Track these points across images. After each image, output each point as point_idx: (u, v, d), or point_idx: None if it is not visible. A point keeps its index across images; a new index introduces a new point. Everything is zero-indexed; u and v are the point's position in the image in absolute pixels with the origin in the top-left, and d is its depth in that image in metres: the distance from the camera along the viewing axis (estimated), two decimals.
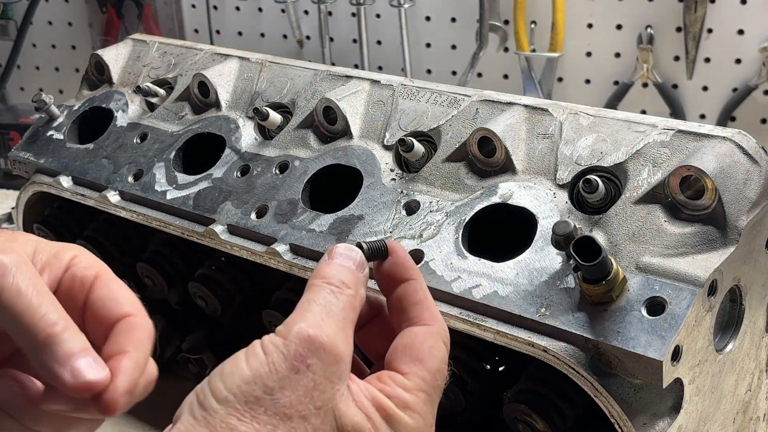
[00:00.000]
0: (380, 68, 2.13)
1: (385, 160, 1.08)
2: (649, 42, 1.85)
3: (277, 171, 1.13)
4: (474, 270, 0.93)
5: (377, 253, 0.68)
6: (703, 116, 1.88)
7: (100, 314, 0.66)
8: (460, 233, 0.96)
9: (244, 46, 2.16)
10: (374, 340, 0.70)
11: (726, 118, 1.85)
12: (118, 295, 0.67)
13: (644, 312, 0.83)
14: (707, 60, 1.83)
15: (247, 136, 1.20)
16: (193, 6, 2.29)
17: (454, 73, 2.06)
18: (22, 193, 1.37)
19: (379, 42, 2.12)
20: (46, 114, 1.39)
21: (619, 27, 1.89)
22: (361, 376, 0.65)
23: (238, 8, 2.24)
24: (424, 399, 0.63)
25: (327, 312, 0.62)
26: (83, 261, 0.68)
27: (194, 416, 0.60)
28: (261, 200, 1.11)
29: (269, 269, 1.09)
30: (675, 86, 1.88)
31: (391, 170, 1.07)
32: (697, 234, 0.87)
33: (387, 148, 1.09)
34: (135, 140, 1.28)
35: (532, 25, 1.94)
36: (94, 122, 1.36)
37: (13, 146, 1.46)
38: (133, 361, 0.64)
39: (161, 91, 1.32)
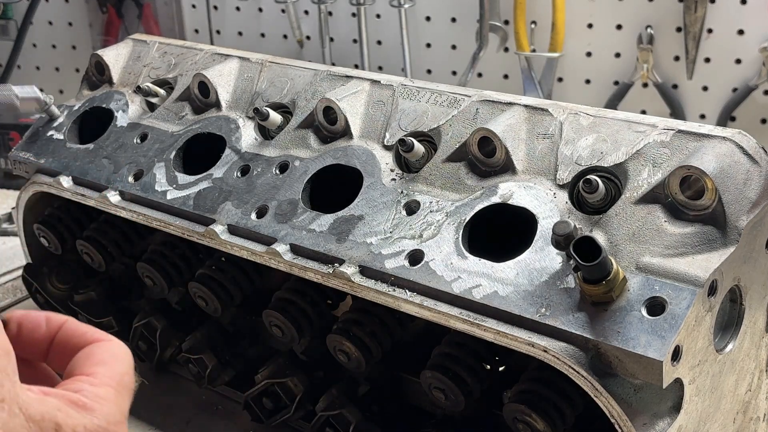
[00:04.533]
0: (380, 68, 2.13)
1: (386, 160, 1.08)
2: (649, 42, 1.85)
3: (278, 171, 1.13)
4: (474, 270, 0.93)
5: None
6: (703, 116, 1.88)
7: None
8: (460, 233, 0.96)
9: (244, 46, 2.16)
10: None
11: (726, 118, 1.85)
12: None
13: (644, 312, 0.83)
14: (707, 60, 1.83)
15: (248, 136, 1.20)
16: (193, 6, 2.29)
17: (454, 73, 2.06)
18: (23, 193, 1.37)
19: (379, 42, 2.12)
20: (47, 114, 1.39)
21: (619, 27, 1.89)
22: None
23: (238, 8, 2.24)
24: (113, 393, 0.63)
25: None
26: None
27: None
28: (261, 200, 1.11)
29: (269, 269, 1.09)
30: (675, 86, 1.88)
31: (392, 170, 1.07)
32: (697, 234, 0.87)
33: (387, 148, 1.09)
34: (135, 140, 1.28)
35: (532, 25, 1.94)
36: (94, 122, 1.36)
37: (14, 146, 1.46)
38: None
39: (161, 91, 1.32)
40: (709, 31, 1.81)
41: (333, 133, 1.14)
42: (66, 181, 1.29)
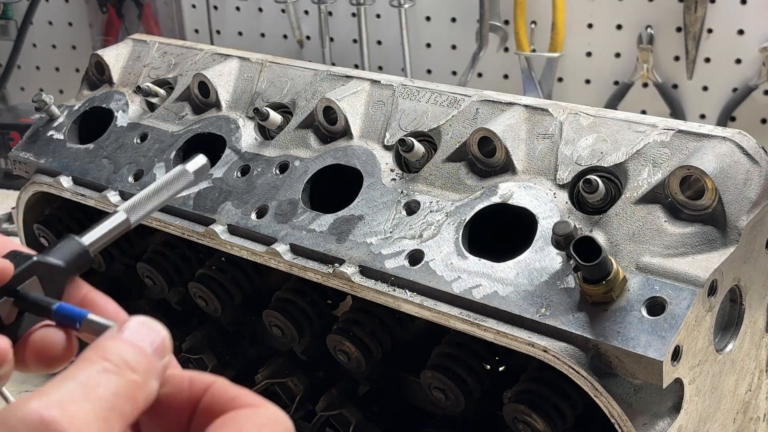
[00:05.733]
0: (380, 68, 2.13)
1: (386, 160, 1.08)
2: (649, 42, 1.85)
3: (278, 171, 1.13)
4: (474, 270, 0.93)
5: None
6: (703, 116, 1.88)
7: None
8: (461, 233, 0.96)
9: (244, 46, 2.16)
10: None
11: (726, 118, 1.85)
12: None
13: (644, 312, 0.83)
14: (707, 60, 1.83)
15: (248, 136, 1.20)
16: (193, 6, 2.29)
17: (454, 73, 2.06)
18: (23, 193, 1.37)
19: (379, 42, 2.12)
20: (47, 114, 1.39)
21: (619, 27, 1.89)
22: None
23: (238, 8, 2.24)
24: None
25: (85, 393, 0.45)
26: None
27: None
28: (261, 200, 1.11)
29: (269, 269, 1.09)
30: (675, 86, 1.88)
31: (392, 170, 1.07)
32: (697, 234, 0.87)
33: (387, 148, 1.09)
34: (135, 140, 1.28)
35: (532, 25, 1.94)
36: (94, 122, 1.36)
37: (14, 146, 1.46)
38: None
39: (161, 91, 1.31)
40: (709, 31, 1.81)
41: (333, 133, 1.14)
42: (66, 181, 1.29)
